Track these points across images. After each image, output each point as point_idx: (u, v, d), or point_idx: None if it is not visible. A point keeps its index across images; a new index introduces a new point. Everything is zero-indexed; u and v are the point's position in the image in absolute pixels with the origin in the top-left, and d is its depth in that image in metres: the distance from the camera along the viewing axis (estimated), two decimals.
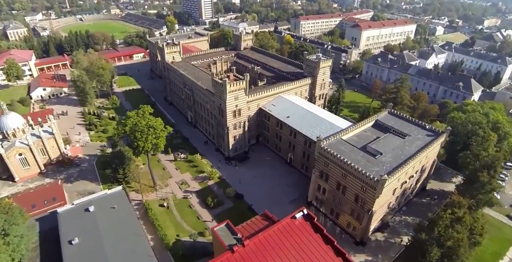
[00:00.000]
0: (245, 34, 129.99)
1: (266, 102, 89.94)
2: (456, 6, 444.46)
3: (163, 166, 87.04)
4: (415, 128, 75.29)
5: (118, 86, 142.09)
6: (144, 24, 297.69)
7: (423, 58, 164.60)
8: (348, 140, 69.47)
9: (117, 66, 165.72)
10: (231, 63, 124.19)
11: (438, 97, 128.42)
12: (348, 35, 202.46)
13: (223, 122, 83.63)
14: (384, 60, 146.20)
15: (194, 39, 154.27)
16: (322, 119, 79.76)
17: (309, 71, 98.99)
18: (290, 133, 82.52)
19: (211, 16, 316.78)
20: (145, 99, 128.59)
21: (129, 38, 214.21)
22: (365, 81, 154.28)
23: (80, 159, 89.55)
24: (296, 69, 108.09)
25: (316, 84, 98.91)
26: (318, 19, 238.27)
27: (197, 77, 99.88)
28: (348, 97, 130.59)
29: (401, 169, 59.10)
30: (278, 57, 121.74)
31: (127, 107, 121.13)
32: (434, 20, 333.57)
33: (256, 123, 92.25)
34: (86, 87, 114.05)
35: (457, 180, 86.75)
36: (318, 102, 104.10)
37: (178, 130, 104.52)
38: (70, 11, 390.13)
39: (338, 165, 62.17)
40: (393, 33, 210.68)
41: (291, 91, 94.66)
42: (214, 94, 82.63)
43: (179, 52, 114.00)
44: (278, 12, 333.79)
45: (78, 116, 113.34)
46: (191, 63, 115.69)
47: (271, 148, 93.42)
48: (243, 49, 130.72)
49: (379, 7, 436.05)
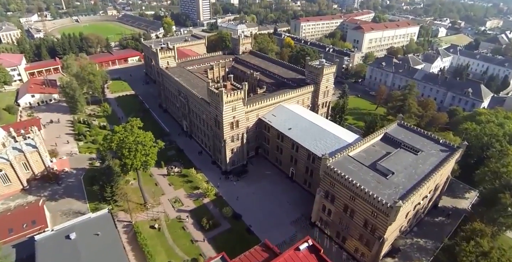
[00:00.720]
0: (243, 38, 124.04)
1: (266, 112, 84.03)
2: (457, 7, 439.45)
3: (156, 181, 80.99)
4: (427, 142, 69.42)
5: (111, 91, 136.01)
6: (141, 25, 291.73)
7: (428, 62, 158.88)
8: (356, 157, 63.58)
9: (111, 71, 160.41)
10: (229, 69, 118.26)
11: (446, 104, 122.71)
12: (350, 38, 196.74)
13: (220, 134, 77.70)
14: (388, 64, 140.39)
15: (191, 42, 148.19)
16: (327, 132, 73.83)
17: (311, 78, 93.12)
18: (292, 146, 76.59)
19: (209, 17, 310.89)
20: (138, 106, 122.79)
21: (124, 40, 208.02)
22: (368, 86, 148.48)
23: (67, 173, 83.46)
24: (298, 75, 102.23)
25: (319, 92, 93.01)
26: (318, 21, 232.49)
27: (193, 85, 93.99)
28: (351, 104, 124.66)
29: (416, 192, 53.19)
30: (279, 62, 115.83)
31: (119, 115, 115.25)
32: (436, 21, 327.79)
33: (255, 135, 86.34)
34: (76, 94, 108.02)
35: (471, 195, 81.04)
36: (321, 111, 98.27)
37: (172, 140, 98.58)
38: (66, 12, 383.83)
39: (345, 187, 56.27)
40: (395, 35, 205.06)
41: (293, 100, 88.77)
42: (210, 104, 76.71)
43: (173, 57, 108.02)
44: (278, 13, 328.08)
45: (68, 125, 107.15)
46: (187, 68, 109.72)
47: (271, 161, 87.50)
48: (242, 54, 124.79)
49: (379, 8, 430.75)
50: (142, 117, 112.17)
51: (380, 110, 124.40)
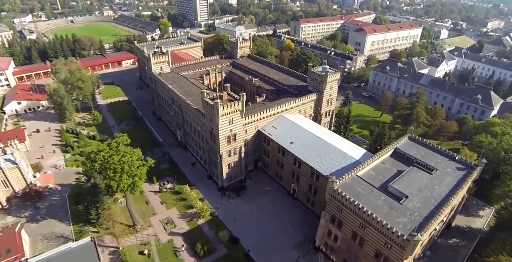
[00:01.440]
0: (241, 41, 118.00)
1: (266, 123, 78.12)
2: (458, 8, 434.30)
3: (147, 199, 74.91)
4: (442, 159, 63.69)
5: (103, 97, 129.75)
6: (137, 26, 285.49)
7: (433, 66, 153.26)
8: (365, 176, 57.76)
9: (103, 74, 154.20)
10: (226, 74, 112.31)
11: (454, 111, 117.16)
12: (352, 40, 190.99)
13: (216, 148, 71.78)
14: (393, 68, 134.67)
15: (187, 45, 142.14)
16: (332, 147, 67.96)
17: (314, 85, 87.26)
18: (294, 161, 70.72)
19: (206, 18, 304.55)
20: (131, 113, 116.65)
21: (119, 42, 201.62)
22: (371, 91, 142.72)
23: (51, 190, 77.32)
24: (299, 82, 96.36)
25: (322, 101, 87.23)
26: (319, 22, 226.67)
27: (187, 93, 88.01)
28: (355, 110, 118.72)
29: (435, 220, 47.43)
30: (279, 67, 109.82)
31: (110, 123, 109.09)
32: (437, 22, 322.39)
33: (254, 148, 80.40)
34: (63, 102, 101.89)
35: (485, 213, 75.44)
36: (324, 120, 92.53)
37: (166, 152, 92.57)
38: (61, 12, 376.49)
39: (355, 213, 50.45)
40: (398, 37, 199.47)
41: (294, 109, 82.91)
42: (205, 116, 70.75)
43: (167, 62, 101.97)
44: (277, 14, 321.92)
45: (55, 135, 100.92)
46: (181, 74, 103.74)
47: (271, 175, 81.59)
48: (240, 58, 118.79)
49: (379, 8, 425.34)
50: (134, 126, 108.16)
51: (385, 118, 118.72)
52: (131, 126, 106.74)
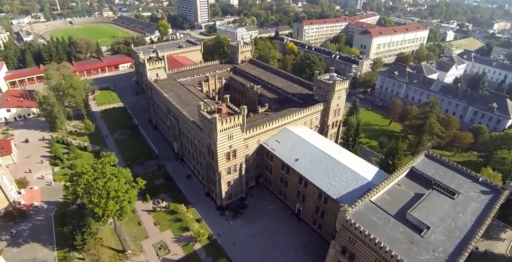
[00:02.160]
0: (242, 45, 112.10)
1: (269, 137, 72.08)
2: (463, 9, 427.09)
3: (139, 219, 68.95)
4: (463, 180, 57.56)
5: (97, 104, 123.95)
6: (137, 28, 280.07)
7: (442, 70, 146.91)
8: (379, 202, 51.68)
9: (99, 79, 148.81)
10: (226, 80, 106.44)
11: (466, 119, 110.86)
12: (357, 43, 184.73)
13: (214, 165, 65.82)
14: (401, 73, 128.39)
15: (185, 49, 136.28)
16: (341, 165, 61.85)
17: (320, 94, 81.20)
18: (299, 180, 64.70)
19: (207, 19, 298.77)
20: (126, 121, 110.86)
21: (116, 45, 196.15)
22: (379, 97, 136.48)
23: (36, 209, 71.56)
24: (304, 90, 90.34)
25: (329, 111, 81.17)
26: (322, 24, 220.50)
27: (184, 102, 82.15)
28: (361, 118, 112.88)
29: (462, 258, 41.34)
30: (282, 73, 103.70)
31: (103, 132, 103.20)
32: (443, 24, 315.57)
33: (256, 163, 74.35)
34: (54, 110, 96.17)
35: (508, 236, 69.20)
36: (330, 131, 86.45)
37: (161, 165, 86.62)
38: (60, 13, 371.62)
39: (369, 247, 44.38)
40: (404, 40, 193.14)
41: (299, 121, 76.86)
42: (202, 130, 64.80)
43: (163, 68, 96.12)
44: (279, 15, 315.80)
45: (45, 145, 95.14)
46: (179, 80, 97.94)
47: (275, 193, 75.53)
48: (241, 63, 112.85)
49: (382, 9, 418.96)
50: (129, 135, 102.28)
51: (394, 126, 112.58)
52: (125, 136, 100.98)
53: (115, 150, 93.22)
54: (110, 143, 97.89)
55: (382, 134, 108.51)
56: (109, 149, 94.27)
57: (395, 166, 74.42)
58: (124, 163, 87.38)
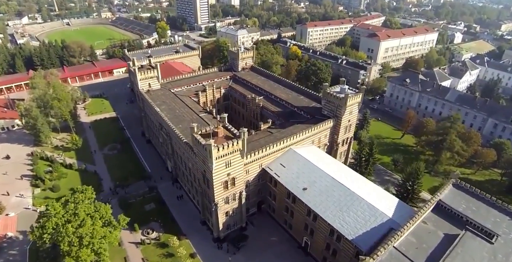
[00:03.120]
0: (243, 51, 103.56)
1: (273, 159, 63.74)
2: (469, 9, 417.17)
3: (126, 254, 60.60)
4: (500, 217, 49.14)
5: (88, 114, 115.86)
6: (135, 29, 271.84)
7: (455, 77, 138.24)
8: (405, 246, 43.31)
9: (92, 85, 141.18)
10: (225, 90, 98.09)
11: (485, 132, 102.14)
12: (364, 46, 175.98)
13: (210, 195, 57.56)
14: (413, 81, 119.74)
15: (182, 54, 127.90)
16: (356, 197, 53.40)
17: (330, 109, 72.79)
18: (307, 212, 56.32)
19: (207, 20, 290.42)
20: (118, 133, 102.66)
21: (112, 48, 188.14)
22: (389, 105, 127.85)
23: (10, 240, 63.45)
24: (311, 102, 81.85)
25: (339, 128, 72.79)
26: (327, 26, 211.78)
27: (178, 117, 73.92)
28: (372, 130, 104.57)
29: None
30: (286, 82, 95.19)
31: (92, 147, 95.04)
32: (450, 25, 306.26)
33: (258, 188, 66.05)
34: (37, 124, 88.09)
35: None
36: (340, 149, 77.99)
37: (153, 186, 78.37)
38: (58, 14, 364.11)
39: None
40: (413, 43, 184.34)
41: (307, 140, 68.49)
42: (196, 154, 56.50)
43: (157, 77, 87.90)
44: (281, 16, 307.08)
45: (27, 163, 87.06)
46: (173, 90, 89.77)
47: (279, 221, 67.10)
48: (241, 70, 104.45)
49: (386, 9, 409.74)
50: (119, 150, 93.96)
51: (407, 139, 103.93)
52: (115, 151, 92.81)
53: (103, 168, 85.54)
54: (99, 159, 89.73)
55: (395, 148, 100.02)
56: (97, 166, 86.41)
57: (414, 192, 66.04)
58: (112, 183, 79.61)
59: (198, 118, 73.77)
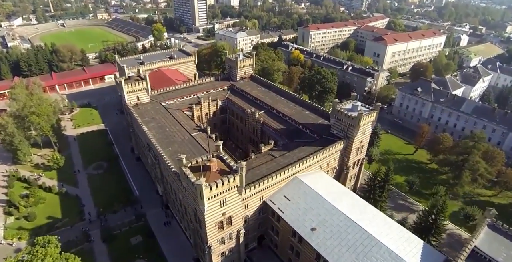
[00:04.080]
0: (242, 59, 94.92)
1: (275, 190, 55.27)
2: (473, 10, 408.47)
3: None
4: None
5: (74, 125, 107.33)
6: (131, 31, 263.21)
7: (468, 84, 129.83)
8: None
9: (82, 93, 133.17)
10: (222, 102, 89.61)
11: (505, 147, 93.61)
12: (369, 51, 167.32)
13: (202, 235, 49.08)
14: (425, 90, 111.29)
15: (177, 60, 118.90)
16: (375, 241, 44.96)
17: (340, 128, 64.39)
18: (316, 256, 47.82)
19: (206, 22, 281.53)
20: (105, 149, 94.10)
21: (106, 51, 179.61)
22: (398, 116, 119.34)
23: None
24: (318, 118, 73.38)
25: (351, 150, 64.38)
26: (330, 29, 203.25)
27: (167, 138, 65.47)
28: (382, 144, 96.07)
29: None
30: (289, 94, 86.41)
31: (76, 166, 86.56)
32: (455, 27, 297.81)
33: (258, 222, 57.57)
34: (14, 141, 79.57)
35: None
36: (351, 172, 69.61)
37: (141, 213, 69.98)
38: (53, 15, 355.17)
39: None
40: (421, 47, 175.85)
41: (315, 165, 60.07)
42: (186, 190, 47.95)
43: (146, 89, 79.37)
44: (282, 17, 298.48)
45: (2, 183, 78.50)
46: (165, 104, 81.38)
47: (283, 259, 58.60)
48: (240, 79, 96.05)
49: (389, 10, 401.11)
50: (106, 169, 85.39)
51: (421, 155, 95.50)
52: (101, 171, 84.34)
53: (86, 191, 77.14)
54: (82, 180, 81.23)
55: (408, 166, 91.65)
56: (80, 189, 77.98)
57: (438, 227, 57.64)
58: (95, 210, 71.18)
59: (190, 139, 65.34)
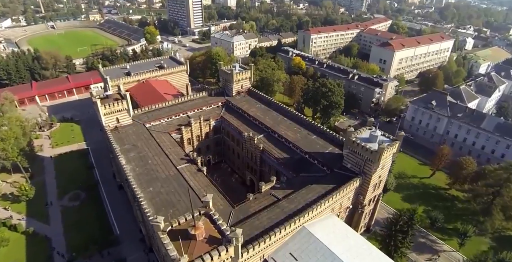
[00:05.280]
0: (238, 72, 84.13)
1: (279, 246, 44.76)
2: (475, 12, 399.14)
3: None
4: None
5: (52, 144, 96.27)
6: (123, 34, 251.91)
7: (483, 95, 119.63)
8: None
9: (64, 105, 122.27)
10: (216, 122, 79.13)
11: None
12: (375, 57, 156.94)
13: None
14: (440, 104, 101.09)
15: (167, 70, 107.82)
16: None
17: (355, 162, 54.07)
18: None
19: (201, 24, 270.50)
20: (84, 174, 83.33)
21: (93, 57, 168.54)
22: (410, 131, 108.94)
23: None
24: (326, 144, 63.20)
25: (368, 187, 54.08)
26: (332, 32, 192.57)
27: (148, 174, 54.92)
28: (394, 166, 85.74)
29: None
30: (292, 114, 75.41)
31: (49, 196, 75.66)
32: (459, 29, 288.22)
33: None
34: None
35: None
36: (366, 209, 59.22)
37: (121, 259, 59.17)
38: (44, 16, 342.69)
39: None
40: (428, 52, 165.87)
41: (326, 210, 49.66)
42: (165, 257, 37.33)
43: (127, 110, 68.63)
44: (280, 19, 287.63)
45: None
46: (149, 125, 70.89)
47: None
48: (237, 94, 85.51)
49: (389, 12, 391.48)
50: (83, 200, 74.42)
51: (438, 179, 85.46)
52: (77, 203, 73.48)
53: (59, 229, 66.49)
54: (55, 214, 70.29)
55: (424, 192, 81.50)
56: (51, 226, 67.26)
57: None
58: (67, 255, 60.38)
59: (177, 174, 54.80)
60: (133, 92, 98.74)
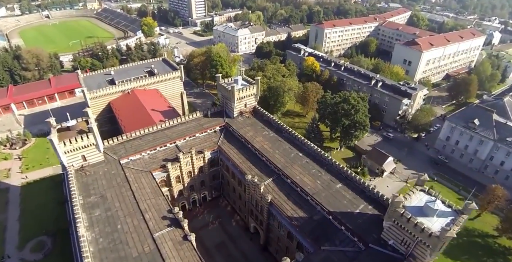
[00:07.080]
0: (241, 88, 67.43)
1: None
2: (498, 1, 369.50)
3: None
4: None
5: (22, 169, 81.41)
6: (120, 24, 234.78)
7: None
8: None
9: (45, 113, 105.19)
10: (212, 154, 63.35)
11: None
12: (398, 57, 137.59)
13: None
14: (485, 123, 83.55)
15: (158, 77, 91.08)
16: None
17: (400, 238, 38.41)
18: None
19: (204, 14, 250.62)
20: (54, 211, 68.27)
21: (82, 53, 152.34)
22: (443, 152, 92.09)
23: None
24: (358, 199, 47.42)
25: None
26: (347, 26, 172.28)
27: (116, 250, 40.07)
28: None
29: None
30: (310, 150, 58.86)
31: (7, 243, 61.15)
32: (484, 22, 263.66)
33: None
34: None
35: None
36: None
37: None
38: (39, 5, 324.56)
39: None
40: (457, 52, 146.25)
41: None
42: None
43: (95, 145, 53.16)
44: (289, 8, 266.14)
45: None
46: (127, 161, 55.57)
47: None
48: (239, 115, 69.27)
49: (405, 1, 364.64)
50: (47, 250, 59.85)
51: (484, 222, 69.47)
52: (40, 255, 59.00)
53: None
54: None
55: (468, 240, 65.68)
56: None
57: None
58: None
59: (154, 250, 39.58)
60: (116, 105, 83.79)
